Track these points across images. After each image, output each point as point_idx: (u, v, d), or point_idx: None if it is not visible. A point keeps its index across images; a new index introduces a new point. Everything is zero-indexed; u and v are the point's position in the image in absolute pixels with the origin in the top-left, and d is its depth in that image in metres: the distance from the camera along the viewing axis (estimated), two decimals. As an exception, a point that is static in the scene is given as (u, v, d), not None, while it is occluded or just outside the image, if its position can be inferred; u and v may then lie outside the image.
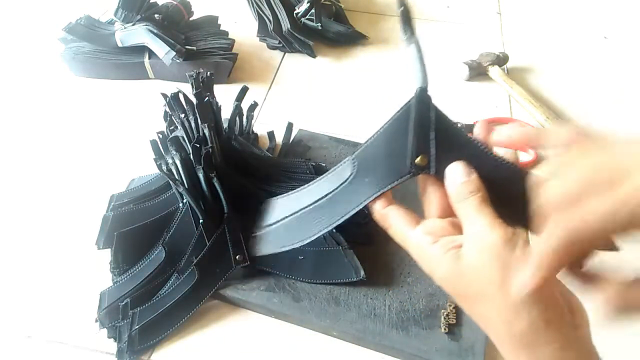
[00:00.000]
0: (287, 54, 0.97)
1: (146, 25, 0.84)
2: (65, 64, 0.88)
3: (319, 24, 0.95)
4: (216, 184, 0.55)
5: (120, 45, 0.85)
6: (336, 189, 0.41)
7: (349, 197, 0.39)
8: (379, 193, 0.37)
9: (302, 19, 0.97)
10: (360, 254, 0.56)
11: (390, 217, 0.36)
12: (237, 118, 0.72)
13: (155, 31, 0.84)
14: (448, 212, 0.34)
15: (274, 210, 0.52)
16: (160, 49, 0.82)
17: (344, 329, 0.53)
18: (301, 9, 0.97)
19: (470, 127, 0.42)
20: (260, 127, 0.79)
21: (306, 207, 0.45)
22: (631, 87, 0.92)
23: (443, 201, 0.35)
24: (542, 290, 0.28)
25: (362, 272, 0.55)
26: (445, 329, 0.52)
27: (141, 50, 0.86)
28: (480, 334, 0.52)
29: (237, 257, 0.56)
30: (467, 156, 0.34)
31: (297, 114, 0.82)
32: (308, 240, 0.45)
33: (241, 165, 0.63)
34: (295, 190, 0.47)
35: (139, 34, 0.84)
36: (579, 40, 1.05)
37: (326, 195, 0.42)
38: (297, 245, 0.46)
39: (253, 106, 0.77)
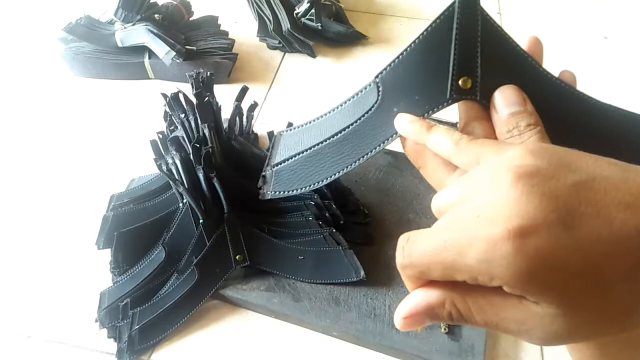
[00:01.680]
0: (287, 54, 0.97)
1: (146, 25, 0.84)
2: (65, 64, 0.88)
3: (319, 24, 0.95)
4: (216, 184, 0.55)
5: (120, 45, 0.85)
6: (359, 120, 0.33)
7: (374, 130, 0.32)
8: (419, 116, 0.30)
9: (302, 19, 0.97)
10: (360, 254, 0.56)
11: (426, 155, 0.29)
12: (237, 118, 0.72)
13: (155, 31, 0.83)
14: None
15: (285, 145, 0.43)
16: (160, 49, 0.82)
17: (344, 329, 0.53)
18: (301, 9, 0.97)
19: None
20: (260, 127, 0.79)
21: (323, 141, 0.36)
22: (631, 87, 0.91)
23: (489, 136, 0.28)
24: None
25: (362, 272, 0.55)
26: (445, 329, 0.52)
27: (141, 50, 0.86)
28: (480, 334, 0.52)
29: (237, 257, 0.56)
30: (520, 79, 0.27)
31: (297, 114, 0.82)
32: (326, 182, 0.36)
33: (241, 165, 0.63)
34: (308, 122, 0.39)
35: (139, 34, 0.84)
36: (579, 40, 1.04)
37: (347, 128, 0.34)
38: (313, 187, 0.37)
39: (253, 106, 0.77)
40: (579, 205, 0.19)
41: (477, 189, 0.22)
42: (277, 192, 0.39)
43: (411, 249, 0.22)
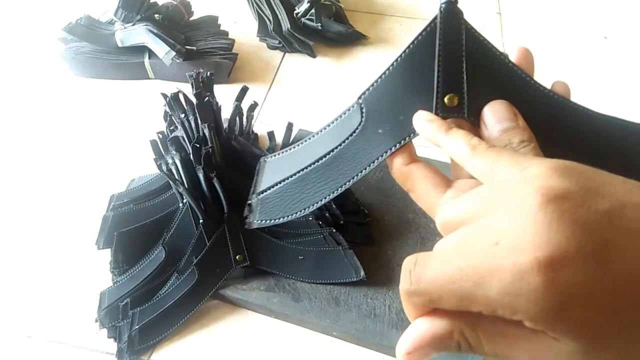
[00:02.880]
0: (287, 54, 0.97)
1: (146, 25, 0.84)
2: (65, 64, 0.88)
3: (319, 24, 0.95)
4: (216, 184, 0.55)
5: (120, 45, 0.85)
6: (342, 143, 0.32)
7: (358, 154, 0.31)
8: (397, 147, 0.29)
9: (302, 19, 0.97)
10: (360, 254, 0.56)
11: (415, 177, 0.28)
12: (237, 118, 0.72)
13: (155, 31, 0.83)
14: None
15: (271, 171, 0.42)
16: (160, 49, 0.82)
17: (344, 329, 0.53)
18: (301, 9, 0.97)
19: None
20: (260, 127, 0.79)
21: (307, 166, 0.35)
22: (631, 87, 0.91)
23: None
24: None
25: (362, 272, 0.55)
26: (445, 329, 0.52)
27: (141, 50, 0.86)
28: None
29: (237, 257, 0.56)
30: (510, 93, 0.26)
31: (297, 114, 0.82)
32: (312, 209, 0.35)
33: (241, 165, 0.63)
34: (292, 147, 0.38)
35: (139, 34, 0.84)
36: (579, 40, 1.04)
37: (331, 152, 0.33)
38: (299, 215, 0.37)
39: (253, 106, 0.77)
40: (613, 237, 0.17)
41: (494, 207, 0.20)
42: (263, 221, 0.38)
43: (420, 275, 0.20)
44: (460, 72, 0.27)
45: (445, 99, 0.27)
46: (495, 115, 0.26)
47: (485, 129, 0.26)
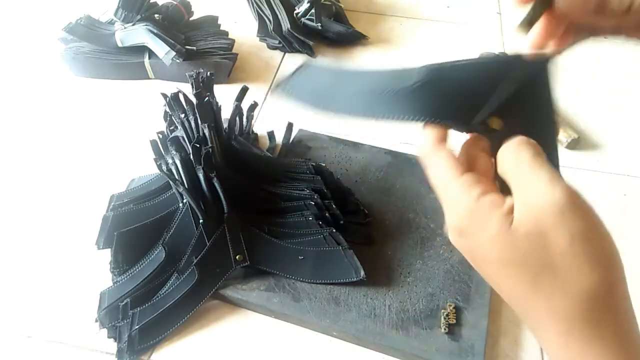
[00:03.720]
0: (287, 54, 0.97)
1: (146, 25, 0.84)
2: (65, 64, 0.88)
3: (319, 24, 0.95)
4: (216, 184, 0.55)
5: (120, 45, 0.85)
6: (396, 88, 0.32)
7: (408, 103, 0.31)
8: (437, 122, 0.29)
9: (302, 19, 0.97)
10: (360, 254, 0.56)
11: (435, 155, 0.28)
12: (237, 118, 0.72)
13: (155, 31, 0.83)
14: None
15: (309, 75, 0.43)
16: (160, 49, 0.82)
17: (344, 329, 0.53)
18: (301, 9, 0.97)
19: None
20: (260, 127, 0.79)
21: (366, 87, 0.35)
22: (631, 87, 0.91)
23: (483, 156, 0.29)
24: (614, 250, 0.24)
25: (362, 272, 0.55)
26: (445, 329, 0.52)
27: (141, 50, 0.86)
28: (480, 334, 0.52)
29: (237, 257, 0.56)
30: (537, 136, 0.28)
31: (297, 114, 0.82)
32: (342, 115, 0.35)
33: (241, 165, 0.63)
34: (345, 68, 0.38)
35: (139, 34, 0.84)
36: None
37: (385, 88, 0.33)
38: (323, 112, 0.37)
39: (253, 106, 0.77)
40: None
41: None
42: (287, 95, 0.40)
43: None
44: (517, 110, 0.29)
45: (489, 121, 0.29)
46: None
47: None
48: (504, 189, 0.27)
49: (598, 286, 0.24)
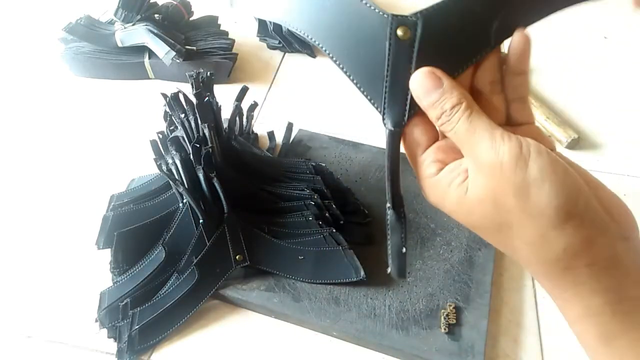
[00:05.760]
0: (287, 54, 0.97)
1: (146, 25, 0.84)
2: (65, 64, 0.88)
3: (319, 24, 0.95)
4: (216, 184, 0.55)
5: (120, 45, 0.85)
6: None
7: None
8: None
9: (302, 19, 0.97)
10: (360, 254, 0.56)
11: (411, 126, 0.28)
12: (237, 118, 0.72)
13: (155, 31, 0.84)
14: None
15: None
16: (160, 49, 0.82)
17: (344, 329, 0.53)
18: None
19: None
20: (260, 127, 0.79)
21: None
22: (631, 87, 0.91)
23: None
24: (576, 199, 0.24)
25: (362, 272, 0.55)
26: (445, 329, 0.52)
27: (141, 50, 0.86)
28: (480, 334, 0.52)
29: (237, 257, 0.56)
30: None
31: (297, 114, 0.82)
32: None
33: (241, 165, 0.63)
34: None
35: (139, 34, 0.84)
36: (579, 40, 1.04)
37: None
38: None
39: (253, 106, 0.77)
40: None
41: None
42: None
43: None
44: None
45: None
46: (421, 88, 0.26)
47: (418, 102, 0.27)
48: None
49: (551, 235, 0.24)
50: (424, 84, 0.26)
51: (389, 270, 0.32)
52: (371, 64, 0.27)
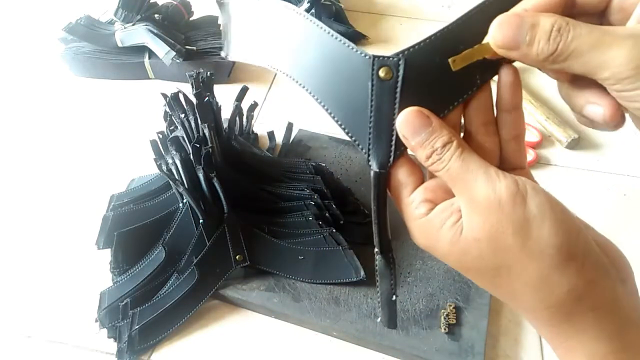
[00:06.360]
0: (287, 54, 0.97)
1: (146, 25, 0.84)
2: (65, 64, 0.88)
3: (319, 24, 0.95)
4: (216, 184, 0.55)
5: (120, 45, 0.85)
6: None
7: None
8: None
9: (302, 19, 0.97)
10: (360, 254, 0.56)
11: (396, 167, 0.28)
12: (237, 118, 0.72)
13: (155, 31, 0.83)
14: None
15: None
16: (160, 49, 0.82)
17: (344, 329, 0.53)
18: (301, 9, 0.97)
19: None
20: (260, 127, 0.79)
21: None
22: (631, 87, 0.91)
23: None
24: (576, 239, 0.23)
25: (362, 272, 0.55)
26: (445, 329, 0.52)
27: (141, 50, 0.86)
28: (480, 334, 0.52)
29: (237, 257, 0.56)
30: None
31: (297, 114, 0.82)
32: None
33: (241, 165, 0.63)
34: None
35: (139, 34, 0.84)
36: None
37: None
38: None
39: (253, 106, 0.77)
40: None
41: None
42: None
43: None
44: None
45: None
46: (408, 128, 0.26)
47: (406, 142, 0.26)
48: None
49: (554, 277, 0.23)
50: (412, 123, 0.26)
51: (378, 319, 0.31)
52: (355, 105, 0.27)
